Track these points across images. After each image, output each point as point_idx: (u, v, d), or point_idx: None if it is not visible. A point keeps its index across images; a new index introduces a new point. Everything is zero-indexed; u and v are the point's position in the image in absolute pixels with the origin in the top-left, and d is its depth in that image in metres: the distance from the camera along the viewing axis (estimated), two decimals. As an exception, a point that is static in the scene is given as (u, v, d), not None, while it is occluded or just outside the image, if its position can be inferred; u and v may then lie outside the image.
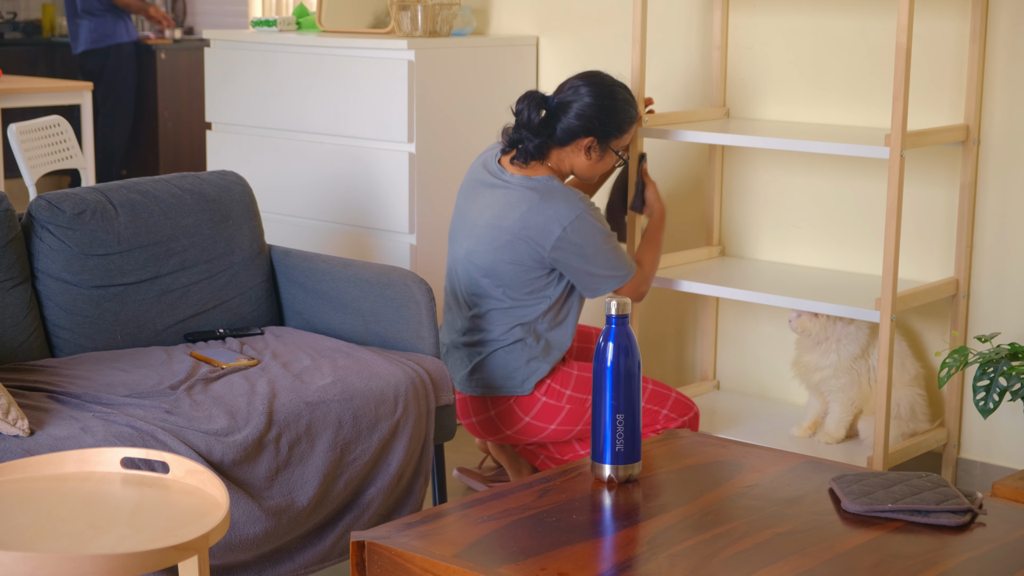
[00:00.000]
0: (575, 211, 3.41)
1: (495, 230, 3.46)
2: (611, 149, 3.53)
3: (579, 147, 3.50)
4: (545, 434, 3.53)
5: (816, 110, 3.93)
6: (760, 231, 4.07)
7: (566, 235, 3.40)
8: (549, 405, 3.50)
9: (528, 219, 3.42)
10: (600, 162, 3.55)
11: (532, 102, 3.49)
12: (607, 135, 3.51)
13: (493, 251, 3.46)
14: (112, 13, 7.85)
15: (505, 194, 3.49)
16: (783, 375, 4.02)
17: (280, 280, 3.62)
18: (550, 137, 3.49)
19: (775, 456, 2.63)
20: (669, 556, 2.17)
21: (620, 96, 3.54)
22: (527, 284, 3.47)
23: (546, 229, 3.41)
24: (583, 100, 3.49)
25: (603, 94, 3.50)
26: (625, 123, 3.54)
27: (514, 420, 3.53)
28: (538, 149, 3.48)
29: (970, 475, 3.76)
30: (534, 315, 3.49)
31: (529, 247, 3.42)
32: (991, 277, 3.68)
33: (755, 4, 4.00)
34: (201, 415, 2.87)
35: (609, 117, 3.50)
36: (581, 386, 3.51)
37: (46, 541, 2.04)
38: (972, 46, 3.58)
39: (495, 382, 3.51)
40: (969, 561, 2.18)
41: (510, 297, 3.48)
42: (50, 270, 3.27)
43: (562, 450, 3.62)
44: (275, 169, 4.50)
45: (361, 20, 4.59)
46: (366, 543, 2.21)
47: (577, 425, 3.52)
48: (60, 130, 5.47)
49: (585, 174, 3.58)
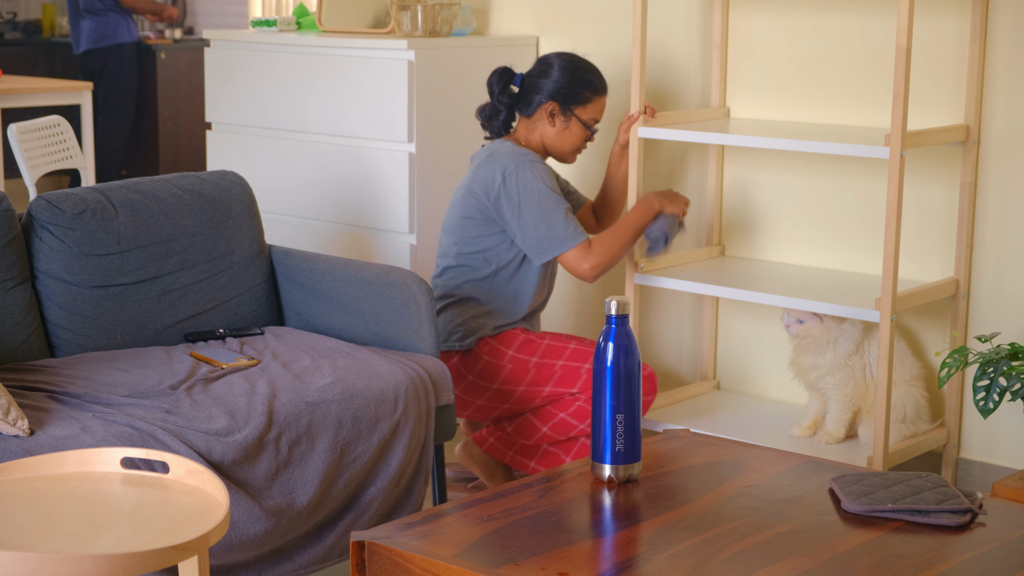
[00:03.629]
0: (516, 163, 3.56)
1: (456, 191, 3.69)
2: (575, 117, 3.67)
3: (543, 112, 3.67)
4: (488, 395, 3.61)
5: (816, 110, 3.93)
6: (760, 231, 4.07)
7: (505, 184, 3.54)
8: (491, 364, 3.60)
9: (477, 173, 3.62)
10: (567, 130, 3.69)
11: (497, 74, 3.71)
12: (568, 99, 3.67)
13: (452, 208, 3.69)
14: (114, 12, 7.84)
15: (472, 164, 3.69)
16: (783, 375, 4.02)
17: (280, 280, 3.62)
18: (516, 106, 3.69)
19: (775, 456, 2.63)
20: (669, 556, 2.17)
21: (582, 65, 3.71)
22: (477, 241, 3.62)
23: (489, 180, 3.58)
24: (548, 66, 3.70)
25: (566, 62, 3.71)
26: (586, 89, 3.68)
27: (459, 378, 3.62)
28: (506, 122, 3.71)
29: (970, 475, 3.76)
30: (483, 274, 3.63)
31: (476, 200, 3.60)
32: (991, 277, 3.68)
33: (755, 4, 4.00)
34: (201, 415, 2.87)
35: (569, 81, 3.67)
36: (525, 348, 3.60)
37: (46, 541, 2.04)
38: (972, 46, 3.58)
39: (441, 335, 3.62)
40: (969, 561, 2.18)
41: (463, 254, 3.64)
42: (50, 270, 3.27)
43: (525, 432, 3.63)
44: (275, 169, 4.50)
45: (361, 20, 4.59)
46: (366, 543, 2.21)
47: (520, 385, 3.59)
48: (60, 130, 5.47)
49: (554, 145, 3.71)
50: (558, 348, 3.60)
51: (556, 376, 3.56)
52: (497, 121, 3.72)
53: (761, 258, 4.08)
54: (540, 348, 3.60)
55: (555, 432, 3.60)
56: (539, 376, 3.57)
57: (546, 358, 3.58)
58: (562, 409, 3.58)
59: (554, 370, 3.56)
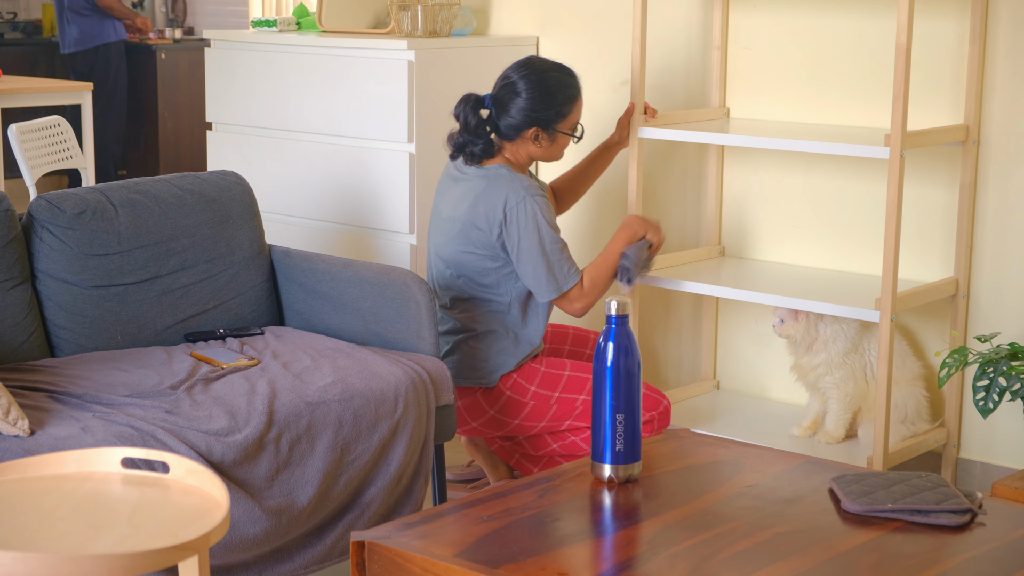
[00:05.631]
0: (516, 197, 3.44)
1: (451, 221, 3.54)
2: (559, 132, 3.54)
3: (526, 139, 3.53)
4: (510, 428, 3.56)
5: (816, 110, 3.93)
6: (760, 231, 4.07)
7: (507, 222, 3.44)
8: (513, 400, 3.52)
9: (476, 206, 3.48)
10: (554, 145, 3.56)
11: (468, 105, 3.52)
12: (549, 122, 3.52)
13: (450, 242, 3.54)
14: (98, 14, 7.84)
15: (462, 187, 3.55)
16: (783, 375, 4.02)
17: (280, 280, 3.62)
18: (497, 133, 3.53)
19: (775, 456, 2.63)
20: (669, 556, 2.17)
21: (553, 80, 3.52)
22: (485, 274, 3.52)
23: (491, 215, 3.46)
24: (518, 95, 3.50)
25: (535, 84, 3.50)
26: (565, 106, 3.53)
27: (479, 412, 3.56)
28: (485, 150, 3.52)
29: (970, 475, 3.76)
30: (501, 308, 3.53)
31: (480, 234, 3.48)
32: (991, 277, 3.68)
33: (755, 4, 4.00)
34: (201, 415, 2.87)
35: (547, 105, 3.50)
36: (547, 383, 3.53)
37: (46, 541, 2.04)
38: (972, 46, 3.58)
39: (463, 372, 3.55)
40: (969, 561, 2.18)
41: (473, 287, 3.53)
42: (50, 270, 3.27)
43: (535, 445, 3.62)
44: (275, 169, 4.51)
45: (361, 20, 4.59)
46: (366, 543, 2.21)
47: (541, 421, 3.54)
48: (60, 130, 5.47)
49: (544, 157, 3.60)
50: (579, 381, 3.52)
51: (577, 411, 3.51)
52: (476, 149, 3.51)
53: (761, 258, 4.08)
54: (561, 382, 3.52)
55: (564, 451, 3.59)
56: (560, 412, 3.51)
57: (568, 392, 3.51)
58: (576, 435, 3.56)
59: (575, 405, 3.50)
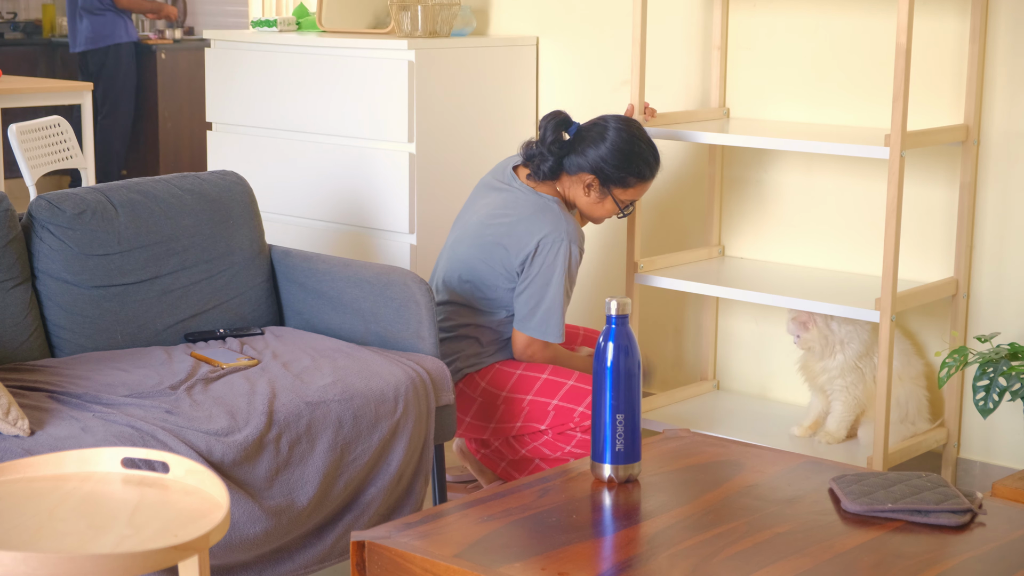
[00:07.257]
0: (556, 239, 3.40)
1: (483, 227, 3.50)
2: (612, 196, 3.50)
3: (581, 181, 3.49)
4: (464, 427, 3.55)
5: (816, 110, 3.93)
6: (760, 231, 4.07)
7: (534, 257, 3.41)
8: (465, 394, 3.52)
9: (514, 227, 3.45)
10: (599, 204, 3.52)
11: (554, 121, 3.51)
12: (610, 179, 3.47)
13: (473, 246, 3.51)
14: (112, 12, 7.84)
15: (505, 197, 3.52)
16: (783, 375, 4.02)
17: (280, 280, 3.62)
18: (561, 160, 3.49)
19: (775, 456, 2.63)
20: (669, 556, 2.17)
21: (639, 150, 3.48)
22: (490, 289, 3.50)
23: (524, 241, 3.43)
24: (603, 140, 3.46)
25: (624, 139, 3.47)
26: (632, 176, 3.48)
27: (468, 403, 3.54)
28: (552, 170, 3.49)
29: (970, 475, 3.76)
30: (491, 323, 3.52)
31: (505, 253, 3.45)
32: (991, 277, 3.68)
33: (755, 4, 4.00)
34: (201, 415, 2.87)
35: (619, 163, 3.46)
36: (497, 381, 3.50)
37: (46, 541, 2.04)
38: (972, 46, 3.58)
39: None
40: (969, 561, 2.18)
41: (472, 296, 3.51)
42: (50, 270, 3.27)
43: (511, 450, 3.59)
44: (275, 169, 4.51)
45: (361, 20, 4.59)
46: (366, 543, 2.21)
47: (490, 423, 3.51)
48: (60, 130, 5.47)
49: (584, 210, 3.56)
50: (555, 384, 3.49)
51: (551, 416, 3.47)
52: (544, 166, 3.49)
53: (761, 258, 4.08)
54: (536, 385, 3.50)
55: (542, 448, 3.55)
56: (534, 414, 3.49)
57: (540, 396, 3.49)
58: (554, 436, 3.52)
59: (547, 410, 3.47)
